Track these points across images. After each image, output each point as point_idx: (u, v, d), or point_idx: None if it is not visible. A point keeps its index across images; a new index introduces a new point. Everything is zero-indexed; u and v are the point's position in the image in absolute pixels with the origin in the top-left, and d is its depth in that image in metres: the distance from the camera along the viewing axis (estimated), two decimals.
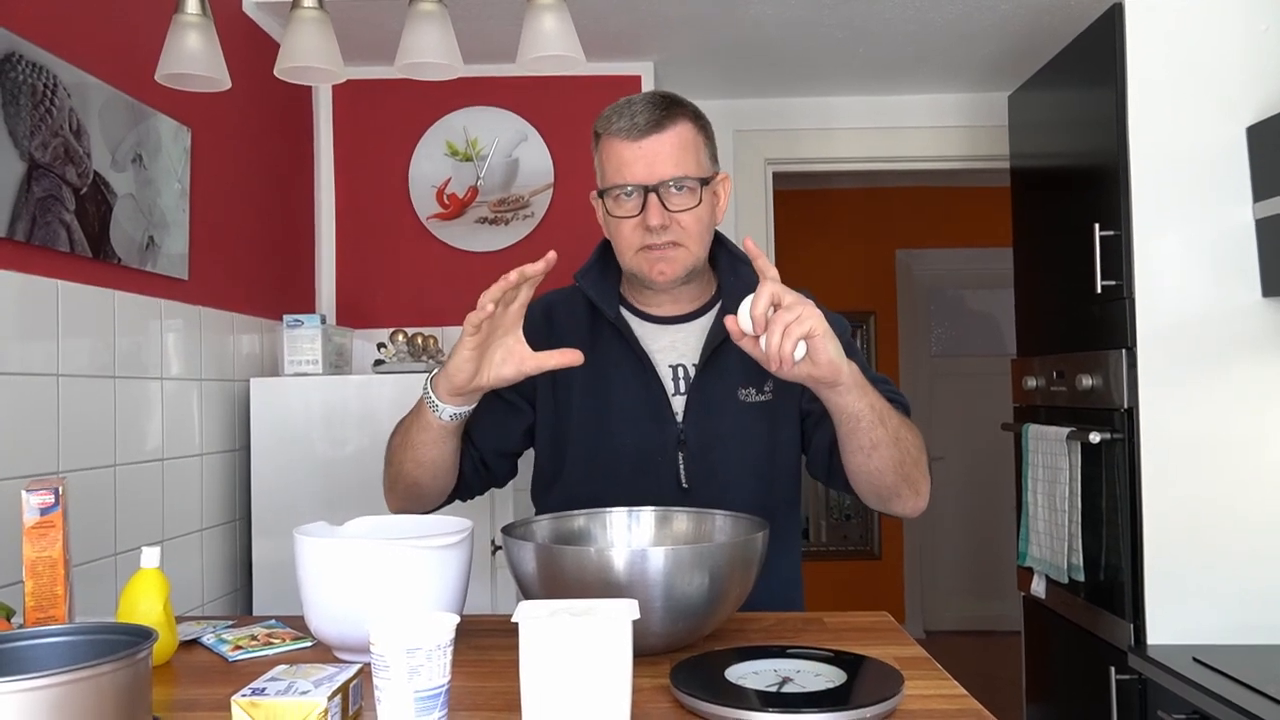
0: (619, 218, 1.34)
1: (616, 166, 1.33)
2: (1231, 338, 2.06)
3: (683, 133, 1.33)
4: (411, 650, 0.84)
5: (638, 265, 1.36)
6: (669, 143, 1.31)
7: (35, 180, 1.63)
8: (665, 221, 1.31)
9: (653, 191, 1.31)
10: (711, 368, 1.38)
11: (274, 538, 2.36)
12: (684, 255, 1.34)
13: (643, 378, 1.38)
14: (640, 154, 1.31)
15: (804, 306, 1.08)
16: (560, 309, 1.46)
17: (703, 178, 1.34)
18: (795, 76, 3.26)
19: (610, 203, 1.35)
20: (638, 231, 1.33)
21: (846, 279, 5.14)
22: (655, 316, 1.43)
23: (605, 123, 1.35)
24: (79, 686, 0.74)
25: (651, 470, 1.37)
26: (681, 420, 1.38)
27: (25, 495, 1.10)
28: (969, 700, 0.95)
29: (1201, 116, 2.07)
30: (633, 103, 1.34)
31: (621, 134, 1.32)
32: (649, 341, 1.41)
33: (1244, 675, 1.80)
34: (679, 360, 1.40)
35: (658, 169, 1.31)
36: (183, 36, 1.49)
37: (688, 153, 1.33)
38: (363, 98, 3.03)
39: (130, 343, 1.92)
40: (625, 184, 1.32)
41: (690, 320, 1.43)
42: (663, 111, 1.32)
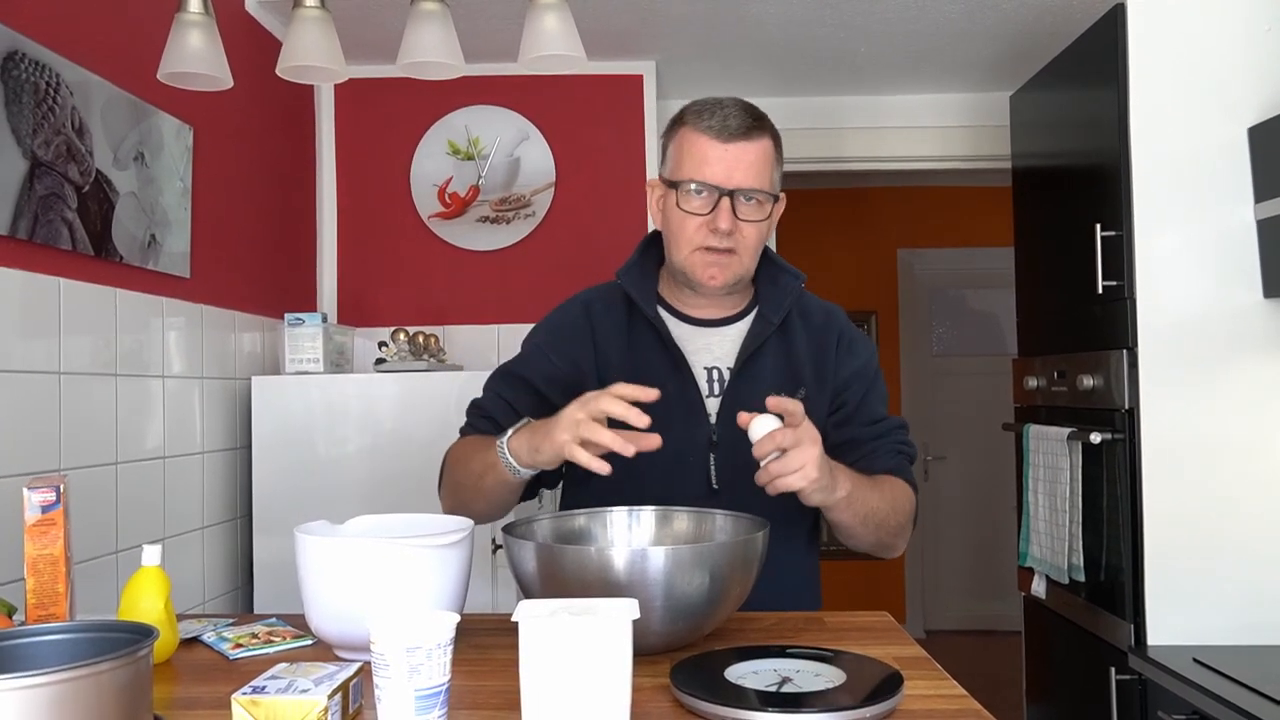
0: (686, 212, 1.34)
1: (698, 162, 1.33)
2: (1233, 338, 2.06)
3: (766, 148, 1.35)
4: (412, 649, 0.84)
5: (691, 264, 1.36)
6: (754, 153, 1.33)
7: (38, 178, 1.63)
8: (732, 228, 1.32)
9: (728, 196, 1.32)
10: (746, 372, 1.38)
11: (275, 536, 2.36)
12: (737, 265, 1.36)
13: (678, 378, 1.38)
14: (726, 156, 1.32)
15: (802, 459, 1.12)
16: (598, 306, 1.46)
17: (774, 194, 1.37)
18: (797, 76, 3.26)
19: (681, 195, 1.35)
20: (701, 231, 1.34)
21: (848, 278, 5.14)
22: (693, 318, 1.43)
23: (695, 116, 1.35)
24: (80, 684, 0.74)
25: (683, 470, 1.37)
26: (715, 422, 1.38)
27: (27, 493, 1.10)
28: (969, 700, 0.95)
29: (1203, 117, 2.07)
30: (723, 104, 1.35)
31: (711, 131, 1.32)
32: (685, 343, 1.41)
33: (1244, 676, 1.80)
34: (714, 363, 1.41)
35: (738, 176, 1.32)
36: (185, 35, 1.50)
37: (767, 167, 1.35)
38: (364, 96, 3.03)
39: (132, 341, 1.93)
40: (704, 181, 1.32)
41: (728, 324, 1.43)
42: (754, 121, 1.34)
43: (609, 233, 3.00)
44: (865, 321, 5.18)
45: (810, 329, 1.44)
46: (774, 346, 1.41)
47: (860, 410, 1.41)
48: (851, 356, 1.43)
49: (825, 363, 1.42)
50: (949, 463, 5.16)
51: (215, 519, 2.30)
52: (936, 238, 5.12)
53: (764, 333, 1.40)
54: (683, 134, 1.36)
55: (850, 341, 1.45)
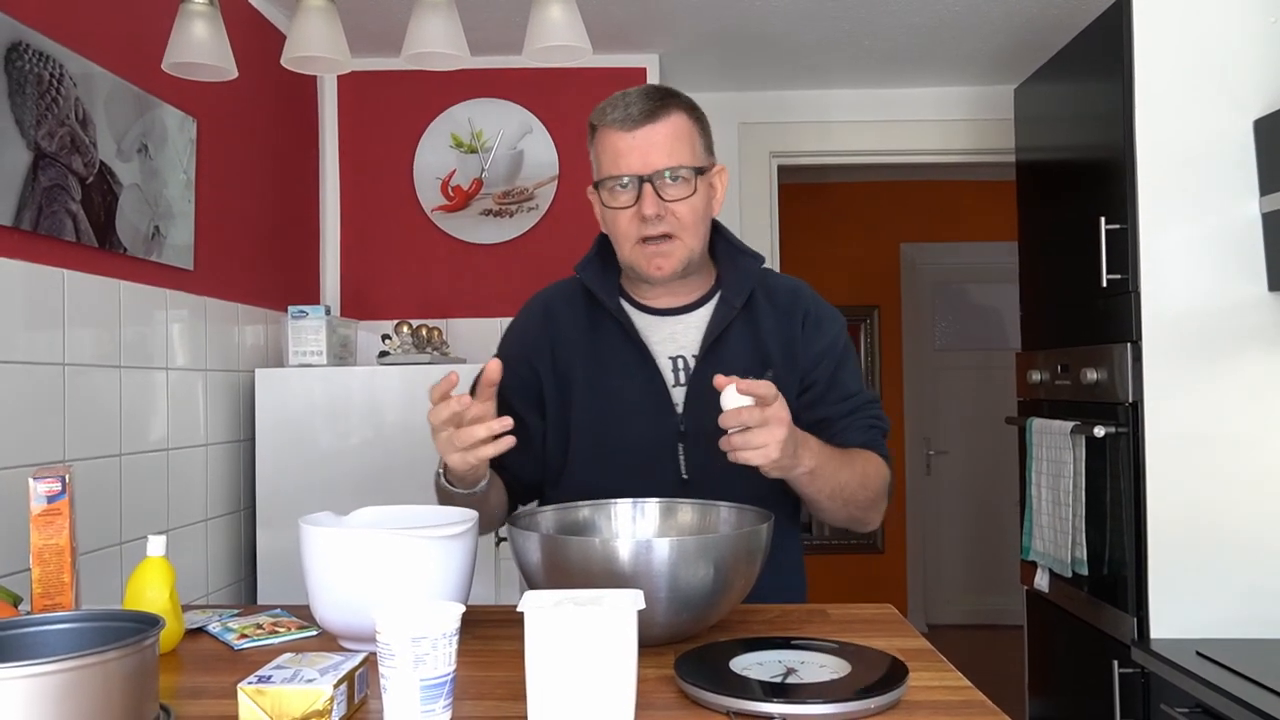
0: (615, 209, 1.34)
1: (612, 157, 1.33)
2: (1238, 332, 2.05)
3: (677, 123, 1.33)
4: (417, 639, 0.84)
5: (635, 259, 1.36)
6: (663, 132, 1.31)
7: (41, 169, 1.63)
8: (660, 211, 1.31)
9: (648, 181, 1.31)
10: (711, 359, 1.38)
11: (278, 528, 2.37)
12: (679, 248, 1.34)
13: (643, 370, 1.38)
14: (635, 144, 1.31)
15: (764, 439, 1.12)
16: (558, 302, 1.46)
17: (697, 167, 1.34)
18: (800, 69, 3.25)
19: (606, 194, 1.35)
20: (634, 223, 1.33)
21: (851, 273, 5.13)
22: (654, 309, 1.43)
23: (600, 114, 1.35)
24: (86, 673, 0.74)
25: (652, 462, 1.37)
26: (682, 412, 1.37)
27: (32, 483, 1.10)
28: (973, 692, 0.96)
29: (1209, 110, 2.06)
30: (627, 94, 1.34)
31: (616, 124, 1.32)
32: (648, 333, 1.40)
33: (1248, 669, 1.80)
34: (679, 352, 1.40)
35: (652, 159, 1.31)
36: (190, 26, 1.50)
37: (682, 142, 1.33)
38: (368, 89, 3.03)
39: (136, 333, 1.93)
40: (620, 175, 1.32)
41: (689, 312, 1.42)
42: (657, 102, 1.32)
43: None
44: (868, 316, 5.18)
45: (776, 308, 1.42)
46: (739, 330, 1.40)
47: (831, 388, 1.40)
48: (819, 333, 1.42)
49: (793, 341, 1.41)
50: (951, 457, 5.16)
51: (219, 511, 2.30)
52: (939, 232, 5.11)
53: (727, 317, 1.38)
54: (597, 136, 1.36)
55: (818, 318, 1.43)
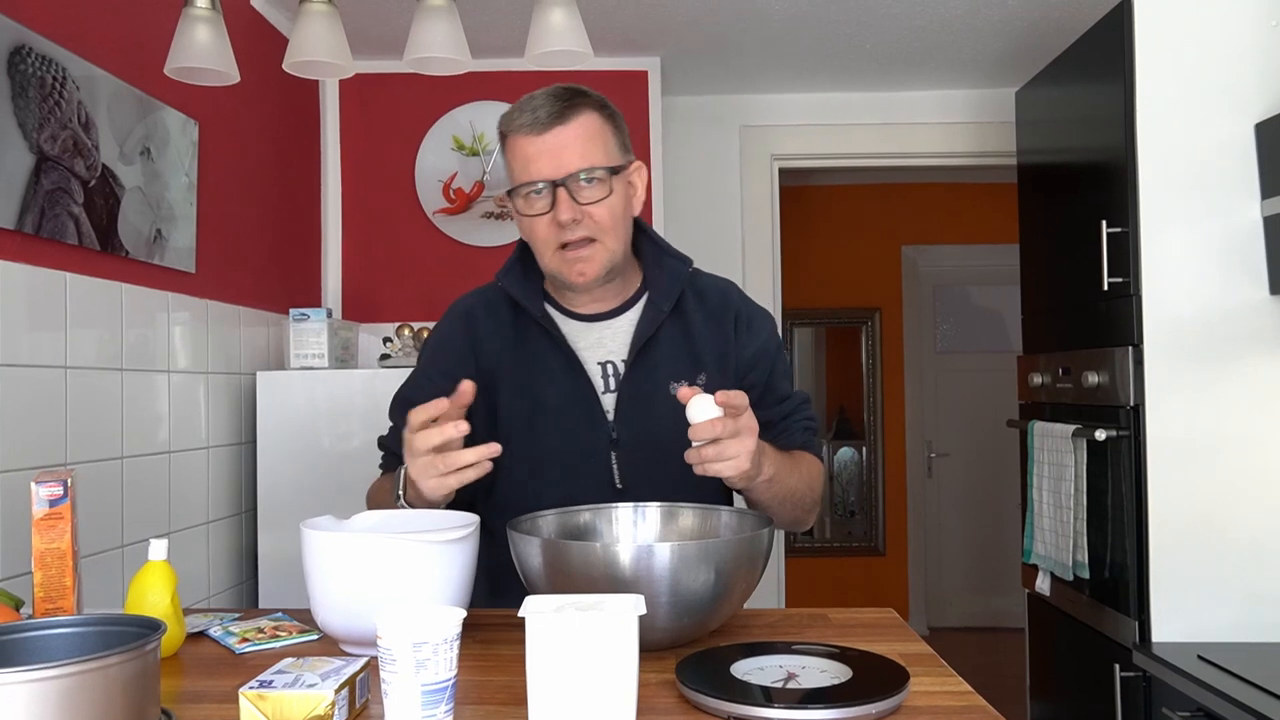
0: (531, 217, 1.30)
1: (523, 164, 1.29)
2: (1239, 335, 2.05)
3: (587, 122, 1.29)
4: (418, 644, 0.84)
5: (556, 267, 1.32)
6: (573, 134, 1.27)
7: (44, 173, 1.63)
8: (577, 215, 1.27)
9: (561, 186, 1.27)
10: (641, 363, 1.35)
11: (280, 531, 2.37)
12: (601, 252, 1.31)
13: (571, 377, 1.35)
14: (544, 148, 1.27)
15: (736, 449, 1.12)
16: (479, 310, 1.42)
17: (612, 167, 1.30)
18: (802, 72, 3.25)
19: (521, 202, 1.31)
20: (552, 229, 1.29)
21: (852, 275, 5.14)
22: (581, 314, 1.39)
23: (507, 120, 1.30)
24: (88, 677, 0.74)
25: (585, 472, 1.34)
26: (613, 419, 1.35)
27: (34, 487, 1.10)
28: (974, 697, 0.95)
29: (1210, 113, 2.07)
30: (534, 97, 1.29)
31: (524, 129, 1.28)
32: (576, 339, 1.37)
33: (1250, 673, 1.80)
34: (607, 357, 1.37)
35: (564, 162, 1.27)
36: (192, 30, 1.50)
37: (594, 143, 1.28)
38: (369, 92, 3.03)
39: (137, 335, 1.93)
40: (533, 181, 1.28)
41: (617, 316, 1.39)
42: (565, 103, 1.28)
43: None
44: (869, 318, 5.18)
45: (707, 310, 1.40)
46: (669, 333, 1.37)
47: (769, 391, 1.39)
48: (752, 335, 1.40)
49: (725, 344, 1.39)
50: (952, 460, 5.16)
51: (220, 514, 2.30)
52: (941, 234, 5.11)
53: (656, 320, 1.35)
54: (507, 143, 1.32)
55: (749, 319, 1.41)
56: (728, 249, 3.43)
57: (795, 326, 5.16)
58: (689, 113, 3.45)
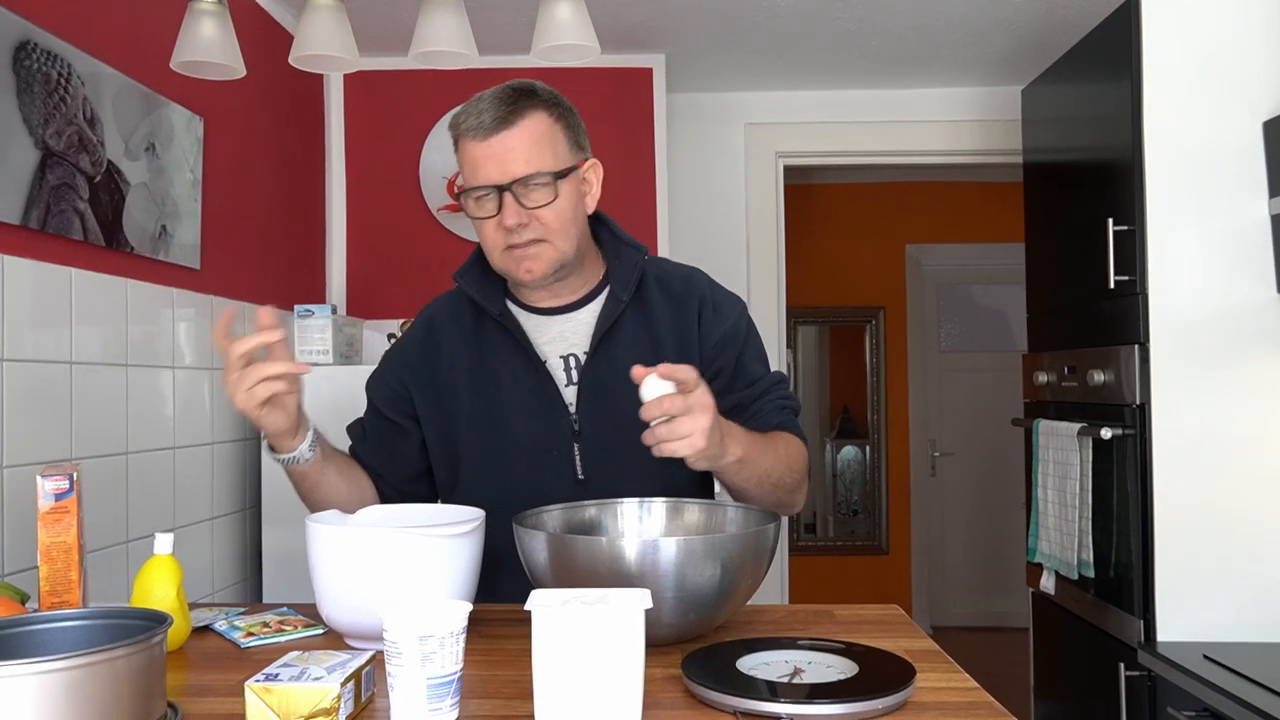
0: (480, 219, 1.30)
1: (471, 167, 1.28)
2: (1245, 333, 2.04)
3: (534, 125, 1.27)
4: (424, 637, 0.84)
5: (504, 265, 1.33)
6: (519, 138, 1.26)
7: (49, 168, 1.63)
8: (523, 219, 1.27)
9: (507, 191, 1.26)
10: (602, 354, 1.35)
11: (284, 527, 2.37)
12: (549, 251, 1.30)
13: (531, 372, 1.36)
14: (490, 152, 1.26)
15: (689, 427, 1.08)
16: (442, 316, 1.44)
17: (559, 171, 1.29)
18: (807, 70, 3.25)
19: (471, 204, 1.30)
20: (499, 231, 1.29)
21: (856, 273, 5.13)
22: (541, 308, 1.40)
23: (457, 124, 1.30)
24: (95, 670, 0.74)
25: (548, 465, 1.35)
26: (575, 411, 1.35)
27: (40, 481, 1.10)
28: (980, 693, 0.95)
29: (1217, 111, 2.06)
30: (481, 99, 1.28)
31: (471, 133, 1.27)
32: (538, 334, 1.38)
33: (1255, 672, 1.79)
34: (569, 350, 1.37)
35: (509, 167, 1.26)
36: (198, 24, 1.50)
37: (541, 146, 1.27)
38: (374, 89, 3.03)
39: (142, 331, 1.93)
40: (479, 185, 1.28)
41: (578, 309, 1.39)
42: (509, 106, 1.26)
43: None
44: (873, 317, 5.17)
45: (670, 298, 1.39)
46: (630, 322, 1.37)
47: (738, 373, 1.38)
48: (718, 319, 1.39)
49: (688, 331, 1.38)
50: (956, 459, 5.15)
51: (225, 510, 2.30)
52: (946, 233, 5.10)
53: (615, 311, 1.35)
54: (457, 145, 1.32)
55: (715, 305, 1.40)
56: (732, 247, 3.43)
57: (799, 325, 5.15)
58: (693, 110, 3.45)
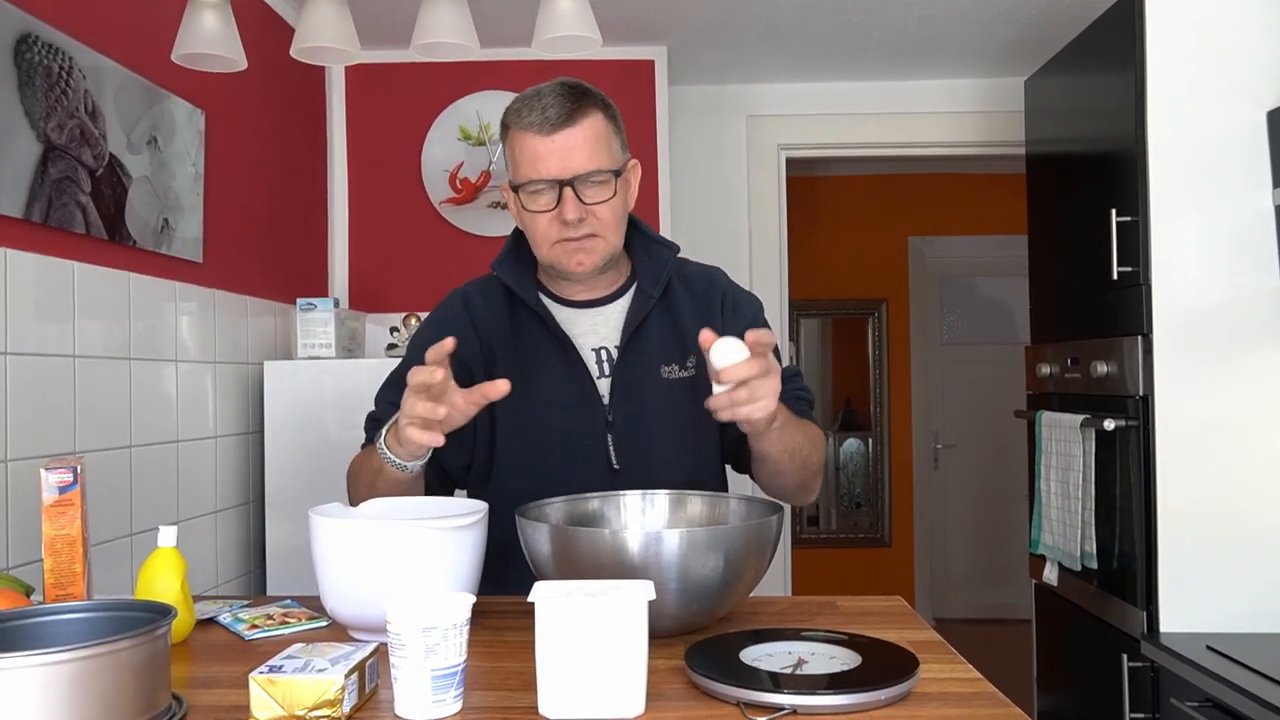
0: (534, 212, 1.33)
1: (530, 161, 1.31)
2: (1249, 324, 2.04)
3: (595, 125, 1.32)
4: (428, 629, 0.84)
5: (555, 257, 1.35)
6: (581, 136, 1.30)
7: (51, 162, 1.63)
8: (582, 215, 1.31)
9: (568, 186, 1.29)
10: (633, 348, 1.38)
11: (287, 520, 2.37)
12: (602, 245, 1.34)
13: (567, 363, 1.38)
14: (553, 148, 1.29)
15: (767, 388, 1.12)
16: (477, 299, 1.45)
17: (616, 169, 1.33)
18: (809, 61, 3.24)
19: (525, 198, 1.33)
20: (554, 225, 1.32)
21: (859, 265, 5.12)
22: (574, 301, 1.43)
23: (516, 115, 1.32)
24: (100, 661, 0.75)
25: (582, 455, 1.37)
26: (608, 402, 1.37)
27: (44, 474, 1.11)
28: (983, 683, 0.95)
29: (1221, 101, 2.05)
30: (542, 94, 1.31)
31: (533, 128, 1.30)
32: (570, 326, 1.40)
33: (1258, 663, 1.79)
34: (601, 343, 1.40)
35: (571, 163, 1.29)
36: (199, 16, 1.50)
37: (601, 145, 1.32)
38: (376, 82, 3.03)
39: (145, 325, 1.93)
40: (540, 179, 1.30)
41: (609, 303, 1.43)
42: (574, 104, 1.30)
43: None
44: (876, 309, 5.16)
45: (694, 295, 1.44)
46: (658, 319, 1.41)
47: None
48: (738, 315, 1.43)
49: (712, 325, 1.38)
50: (959, 450, 5.15)
51: (228, 503, 2.31)
52: (948, 225, 5.09)
53: (645, 307, 1.39)
54: (511, 136, 1.34)
55: (735, 301, 1.45)
56: (734, 239, 3.42)
57: (801, 317, 5.15)
58: (695, 102, 3.44)
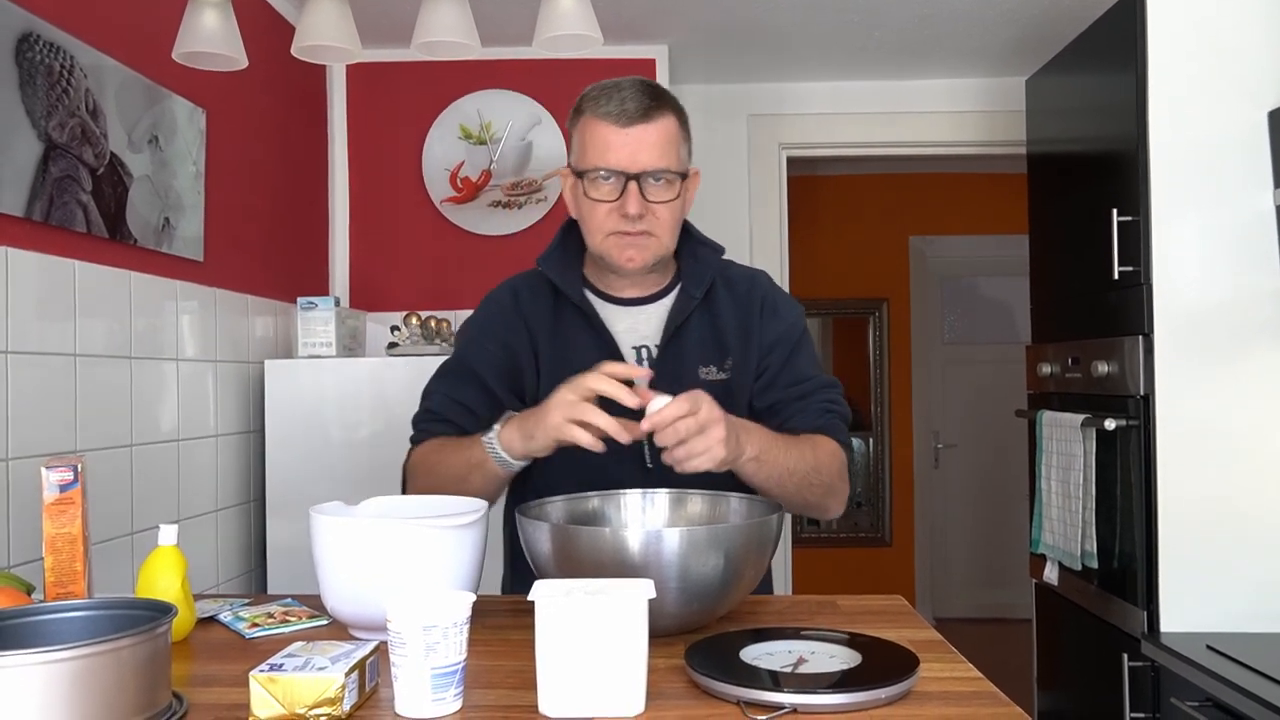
0: (595, 200, 1.34)
1: (600, 149, 1.32)
2: (1250, 324, 2.04)
3: (668, 126, 1.33)
4: (428, 627, 0.84)
5: (607, 249, 1.36)
6: (656, 134, 1.32)
7: (52, 160, 1.63)
8: (642, 210, 1.32)
9: (634, 180, 1.31)
10: (672, 348, 1.39)
11: (288, 519, 2.37)
12: (655, 245, 1.35)
13: (606, 359, 1.36)
14: (626, 140, 1.31)
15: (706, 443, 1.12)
16: (525, 292, 1.47)
17: (681, 172, 1.35)
18: (810, 60, 3.24)
19: (588, 184, 1.34)
20: (612, 216, 1.33)
21: (859, 265, 5.12)
22: (617, 298, 1.44)
23: (593, 103, 1.34)
24: (101, 659, 0.75)
25: (617, 451, 1.34)
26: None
27: (45, 472, 1.11)
28: (984, 682, 0.95)
29: (1222, 101, 2.05)
30: (621, 87, 1.33)
31: (609, 118, 1.31)
32: (612, 323, 1.41)
33: (1259, 663, 1.79)
34: (641, 342, 1.41)
35: (641, 158, 1.31)
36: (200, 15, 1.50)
37: (671, 146, 1.33)
38: (377, 81, 3.03)
39: (146, 324, 1.93)
40: (609, 168, 1.32)
41: (652, 302, 1.44)
42: (652, 101, 1.32)
43: None
44: (877, 309, 5.16)
45: (735, 298, 1.44)
46: (699, 320, 1.41)
47: (783, 373, 1.41)
48: (775, 320, 1.44)
49: (751, 330, 1.43)
50: (960, 450, 5.15)
51: (228, 502, 2.31)
52: (949, 224, 5.09)
53: (687, 308, 1.40)
54: (584, 122, 1.35)
55: (774, 306, 1.45)
56: (735, 238, 3.42)
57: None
58: (697, 101, 3.44)
